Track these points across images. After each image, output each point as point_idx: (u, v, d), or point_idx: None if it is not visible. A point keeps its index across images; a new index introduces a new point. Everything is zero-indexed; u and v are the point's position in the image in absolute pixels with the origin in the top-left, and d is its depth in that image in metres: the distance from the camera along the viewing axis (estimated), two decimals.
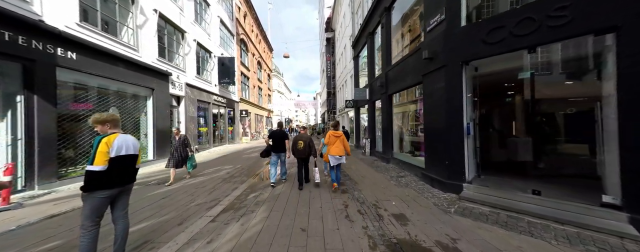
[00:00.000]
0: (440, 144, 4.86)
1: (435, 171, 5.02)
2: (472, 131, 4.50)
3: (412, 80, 6.32)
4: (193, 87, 11.74)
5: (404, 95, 7.90)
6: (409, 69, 6.50)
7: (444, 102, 4.70)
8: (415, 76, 6.03)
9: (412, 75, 6.28)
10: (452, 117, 4.54)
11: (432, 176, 5.07)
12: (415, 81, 6.14)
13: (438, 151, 4.95)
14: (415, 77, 6.10)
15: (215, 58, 14.65)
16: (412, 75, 6.33)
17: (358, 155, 11.04)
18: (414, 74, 6.18)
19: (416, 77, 6.00)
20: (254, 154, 12.04)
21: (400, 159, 7.44)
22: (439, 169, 4.88)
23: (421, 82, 5.83)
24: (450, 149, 4.57)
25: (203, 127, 13.12)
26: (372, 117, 10.46)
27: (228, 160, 10.02)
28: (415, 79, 6.06)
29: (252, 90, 24.69)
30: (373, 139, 10.34)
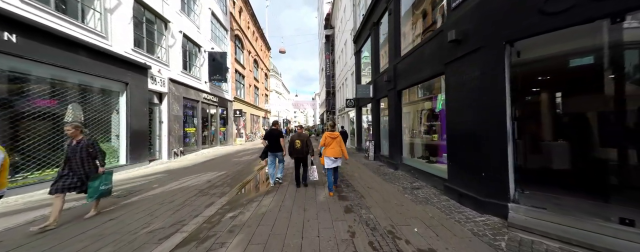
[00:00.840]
0: (472, 149, 3.78)
1: (465, 184, 3.94)
2: (516, 134, 3.42)
3: (430, 72, 5.25)
4: (178, 84, 10.62)
5: (415, 91, 6.83)
6: (426, 59, 5.43)
7: (478, 97, 3.63)
8: (435, 66, 4.97)
9: (430, 66, 5.21)
10: (489, 115, 3.46)
11: (460, 190, 3.98)
12: (434, 72, 5.07)
13: (468, 159, 3.87)
14: (434, 67, 5.03)
15: (205, 53, 13.54)
16: (429, 65, 5.26)
17: (360, 159, 9.95)
18: (432, 63, 5.12)
19: (436, 67, 4.93)
20: (246, 157, 10.92)
21: (411, 165, 6.36)
22: (470, 182, 3.80)
23: (442, 73, 4.77)
24: (487, 157, 3.49)
25: (190, 128, 11.99)
26: (376, 117, 9.39)
27: (214, 164, 8.89)
28: (435, 69, 5.00)
29: (248, 89, 23.58)
30: (377, 141, 9.26)
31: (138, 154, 7.95)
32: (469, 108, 3.85)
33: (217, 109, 15.32)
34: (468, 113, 3.87)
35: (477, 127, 3.67)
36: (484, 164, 3.53)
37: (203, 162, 9.59)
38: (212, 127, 14.74)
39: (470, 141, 3.80)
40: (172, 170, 7.77)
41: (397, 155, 7.13)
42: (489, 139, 3.48)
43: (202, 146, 13.11)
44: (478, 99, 3.65)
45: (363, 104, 12.05)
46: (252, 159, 10.19)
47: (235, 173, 7.22)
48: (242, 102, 20.61)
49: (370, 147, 9.33)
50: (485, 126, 3.53)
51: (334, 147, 4.63)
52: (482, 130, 3.58)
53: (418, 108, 6.73)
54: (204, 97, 13.16)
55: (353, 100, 13.64)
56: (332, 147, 4.63)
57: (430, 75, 5.28)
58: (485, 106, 3.54)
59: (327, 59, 24.10)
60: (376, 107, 9.38)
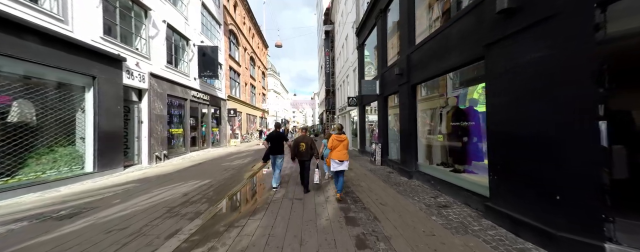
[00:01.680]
0: (536, 160, 2.73)
1: (522, 207, 2.87)
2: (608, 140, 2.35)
3: (458, 59, 4.19)
4: (161, 79, 9.50)
5: (435, 84, 5.77)
6: (453, 43, 4.37)
7: (545, 86, 2.57)
8: (468, 51, 3.91)
9: (459, 51, 4.14)
10: (567, 112, 2.40)
11: (514, 215, 2.91)
12: (465, 58, 4.00)
13: (529, 173, 2.81)
14: (466, 53, 3.96)
15: (195, 48, 12.43)
16: (458, 51, 4.19)
17: (365, 163, 8.88)
18: (463, 48, 4.05)
19: (469, 51, 3.87)
20: (238, 161, 9.82)
21: (430, 174, 5.30)
22: (533, 205, 2.74)
23: (479, 59, 3.70)
24: (563, 172, 2.43)
25: (176, 129, 10.87)
26: (383, 116, 8.32)
27: (200, 171, 7.78)
28: (467, 54, 3.93)
29: (244, 87, 22.47)
30: (385, 144, 8.19)
31: (109, 159, 6.84)
32: (529, 102, 2.78)
33: (208, 108, 14.21)
34: (528, 109, 2.81)
35: (545, 129, 2.61)
36: (559, 181, 2.47)
37: (188, 167, 8.47)
38: (202, 127, 13.62)
39: (534, 147, 2.73)
40: (148, 178, 6.67)
41: (410, 160, 6.06)
42: (566, 146, 2.41)
43: (191, 148, 11.99)
44: (545, 90, 2.59)
45: (367, 102, 10.98)
46: (245, 164, 9.10)
47: (220, 182, 6.12)
48: (237, 101, 19.50)
49: (377, 151, 8.26)
50: (560, 127, 2.47)
51: (340, 150, 4.52)
52: (554, 133, 2.52)
53: (438, 105, 5.66)
54: (193, 95, 12.04)
55: (355, 99, 12.58)
56: (339, 150, 4.52)
57: (460, 63, 4.21)
58: (558, 100, 2.47)
59: (327, 56, 23.03)
60: (383, 105, 8.31)
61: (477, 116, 4.45)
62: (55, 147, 5.83)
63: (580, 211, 2.33)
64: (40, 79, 5.49)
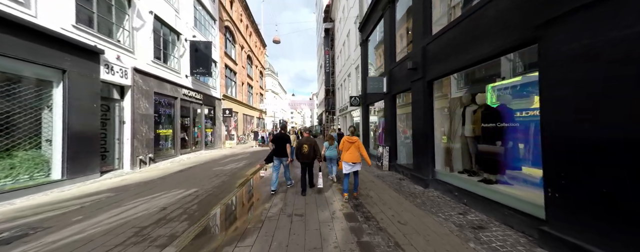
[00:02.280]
0: (615, 172, 1.97)
1: (598, 237, 2.12)
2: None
3: (495, 46, 3.44)
4: (147, 75, 8.67)
5: (455, 79, 5.03)
6: (484, 28, 3.63)
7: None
8: (510, 35, 3.16)
9: (497, 37, 3.40)
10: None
11: (594, 249, 2.15)
12: (507, 44, 3.25)
13: (606, 190, 2.06)
14: (507, 38, 3.22)
15: (186, 43, 11.61)
16: (493, 36, 3.45)
17: (371, 168, 8.11)
18: (501, 33, 3.31)
19: (512, 35, 3.13)
20: (232, 165, 9.00)
21: (451, 183, 4.55)
22: (618, 236, 1.98)
23: (526, 44, 2.96)
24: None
25: (165, 130, 10.02)
26: (391, 116, 7.57)
27: (187, 177, 6.96)
28: (509, 39, 3.19)
29: (241, 87, 21.66)
30: (393, 147, 7.43)
31: (82, 164, 6.00)
32: (617, 92, 2.03)
33: (202, 108, 13.38)
34: (612, 102, 2.06)
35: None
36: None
37: (175, 172, 7.64)
38: (195, 128, 12.78)
39: (620, 155, 1.98)
40: (126, 186, 5.84)
41: (426, 167, 5.30)
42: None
43: (182, 150, 11.14)
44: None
45: (371, 101, 10.23)
46: (238, 169, 8.29)
47: (208, 192, 5.31)
48: (232, 101, 18.67)
49: (384, 155, 7.50)
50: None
51: (353, 152, 4.48)
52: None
53: (459, 103, 4.92)
54: (184, 94, 11.22)
55: (358, 98, 11.84)
56: (351, 152, 4.48)
57: (497, 51, 3.47)
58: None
59: (327, 55, 22.30)
60: (391, 105, 7.56)
61: (511, 116, 3.71)
62: (14, 151, 4.99)
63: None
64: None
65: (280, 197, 4.82)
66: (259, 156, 11.93)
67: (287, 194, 5.06)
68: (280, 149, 5.10)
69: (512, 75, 3.77)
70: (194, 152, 12.15)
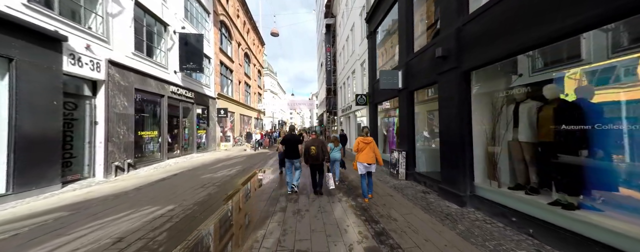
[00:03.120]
0: None
1: None
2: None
3: (601, 10, 2.36)
4: (126, 69, 7.57)
5: (503, 68, 3.95)
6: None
7: None
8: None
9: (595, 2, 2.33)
10: None
11: None
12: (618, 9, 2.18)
13: None
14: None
15: (175, 36, 10.52)
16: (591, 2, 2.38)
17: (384, 176, 7.03)
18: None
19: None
20: (224, 171, 7.89)
21: (503, 204, 3.48)
22: None
23: None
24: None
25: (149, 131, 8.91)
26: (408, 116, 6.49)
27: (167, 188, 5.85)
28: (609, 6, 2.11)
29: (237, 86, 20.56)
30: (411, 152, 6.35)
31: (36, 174, 4.89)
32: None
33: (193, 108, 12.27)
34: None
35: None
36: None
37: (156, 182, 6.53)
38: (185, 130, 11.67)
39: None
40: (88, 202, 4.73)
41: (461, 179, 4.23)
42: None
43: (169, 154, 10.03)
44: None
45: (380, 99, 9.16)
46: (232, 175, 7.19)
47: (187, 210, 4.21)
48: (228, 100, 17.57)
49: (400, 161, 6.41)
50: None
51: (367, 153, 4.50)
52: None
53: (505, 99, 3.85)
54: (172, 91, 10.11)
55: (364, 96, 10.77)
56: (366, 153, 4.50)
57: (594, 21, 2.39)
58: None
59: (328, 52, 21.24)
60: (408, 103, 6.48)
61: (600, 114, 2.65)
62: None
63: None
64: None
65: (277, 220, 3.73)
66: (255, 160, 10.83)
67: (287, 214, 3.98)
68: (291, 151, 5.01)
69: (601, 56, 2.70)
70: (184, 156, 11.03)
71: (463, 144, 4.21)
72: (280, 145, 5.15)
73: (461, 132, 4.24)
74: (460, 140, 4.25)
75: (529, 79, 3.56)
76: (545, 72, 3.38)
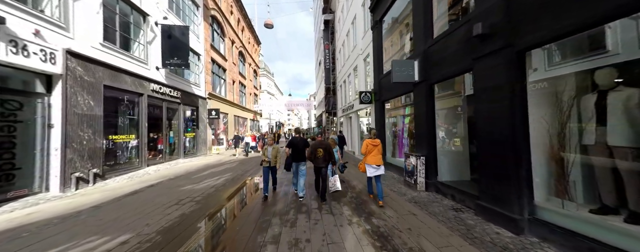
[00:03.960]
0: None
1: None
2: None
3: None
4: (93, 62, 6.44)
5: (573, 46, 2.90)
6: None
7: None
8: None
9: None
10: None
11: None
12: None
13: None
14: None
15: (157, 28, 9.40)
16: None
17: (397, 185, 5.95)
18: None
19: None
20: (209, 180, 6.73)
21: (590, 237, 2.42)
22: None
23: None
24: None
25: (124, 135, 7.75)
26: (428, 113, 5.42)
27: (137, 205, 4.70)
28: None
29: (231, 86, 19.43)
30: (431, 157, 5.28)
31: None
32: None
33: (180, 108, 11.11)
34: None
35: None
36: None
37: (124, 196, 5.38)
38: (170, 132, 10.50)
39: None
40: (18, 229, 3.58)
41: (512, 194, 3.15)
42: None
43: (150, 160, 8.87)
44: None
45: (389, 97, 8.11)
46: (217, 186, 6.07)
47: (147, 243, 3.08)
48: (221, 101, 16.42)
49: (419, 168, 5.33)
50: None
51: (376, 155, 4.48)
52: None
53: (575, 86, 2.79)
54: (153, 90, 8.97)
55: (369, 94, 9.72)
56: (374, 155, 4.47)
57: None
58: None
59: (327, 49, 20.21)
60: (427, 98, 5.42)
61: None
62: None
63: None
64: None
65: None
66: (248, 166, 9.70)
67: (280, 248, 2.88)
68: (298, 154, 4.93)
69: None
70: (168, 162, 9.85)
71: (516, 148, 3.14)
72: (286, 148, 5.08)
73: (513, 133, 3.17)
74: (511, 143, 3.18)
75: (620, 57, 2.51)
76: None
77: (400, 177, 6.90)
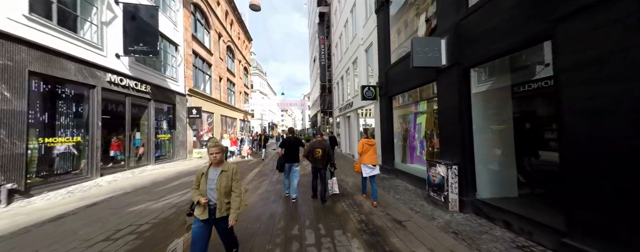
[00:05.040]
0: None
1: None
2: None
3: None
4: (10, 40, 4.80)
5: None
6: None
7: None
8: None
9: None
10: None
11: None
12: None
13: None
14: None
15: (118, 7, 7.76)
16: None
17: (418, 202, 4.53)
18: None
19: None
20: (173, 196, 5.14)
21: None
22: None
23: None
24: None
25: (65, 138, 6.08)
26: (461, 107, 4.03)
27: (48, 242, 3.12)
28: None
29: (218, 83, 17.79)
30: (467, 166, 3.89)
31: None
32: None
33: (151, 105, 9.45)
34: None
35: None
36: None
37: (37, 225, 3.78)
38: (136, 134, 8.84)
39: None
40: None
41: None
42: None
43: (105, 169, 7.22)
44: None
45: (398, 90, 6.73)
46: (182, 205, 4.51)
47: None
48: (204, 98, 14.77)
49: (451, 181, 3.93)
50: None
51: (371, 155, 4.46)
52: None
53: None
54: (111, 82, 7.33)
55: (373, 88, 8.34)
56: (370, 155, 4.46)
57: None
58: None
59: (322, 44, 18.81)
60: (460, 87, 4.04)
61: None
62: None
63: None
64: None
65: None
66: None
67: None
68: (292, 154, 4.68)
69: None
70: (133, 170, 8.18)
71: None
72: (279, 148, 4.86)
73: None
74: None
75: None
76: None
77: (415, 188, 5.50)
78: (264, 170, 8.71)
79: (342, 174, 7.59)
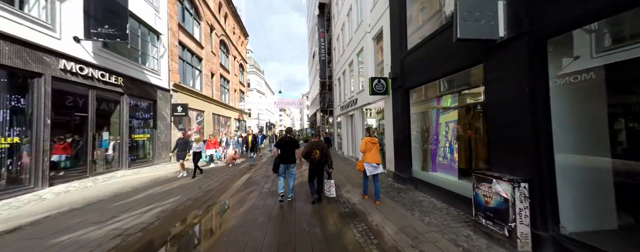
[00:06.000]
0: None
1: None
2: None
3: None
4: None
5: None
6: None
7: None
8: None
9: None
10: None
11: None
12: None
13: None
14: None
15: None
16: None
17: (458, 235, 3.23)
18: None
19: None
20: (130, 215, 3.75)
21: None
22: None
23: None
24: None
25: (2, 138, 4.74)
26: (533, 97, 2.75)
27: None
28: None
29: (209, 79, 16.44)
30: (546, 184, 2.60)
31: None
32: None
33: (123, 100, 8.10)
34: None
35: None
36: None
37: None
38: (104, 134, 7.49)
39: None
40: None
41: None
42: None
43: (57, 178, 5.86)
44: None
45: (420, 81, 5.44)
46: (133, 233, 3.15)
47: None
48: (193, 94, 13.43)
49: (519, 206, 2.64)
50: None
51: (374, 153, 4.46)
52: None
53: None
54: (67, 70, 5.99)
55: (384, 81, 7.06)
56: (373, 153, 4.46)
57: None
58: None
59: (322, 38, 17.51)
60: (533, 67, 2.75)
61: None
62: None
63: None
64: None
65: None
66: (212, 182, 6.82)
67: None
68: (287, 155, 4.62)
69: None
70: (95, 177, 6.82)
71: None
72: (275, 148, 4.67)
73: None
74: None
75: None
76: None
77: (445, 205, 4.20)
78: (255, 177, 7.40)
79: (348, 184, 6.29)
